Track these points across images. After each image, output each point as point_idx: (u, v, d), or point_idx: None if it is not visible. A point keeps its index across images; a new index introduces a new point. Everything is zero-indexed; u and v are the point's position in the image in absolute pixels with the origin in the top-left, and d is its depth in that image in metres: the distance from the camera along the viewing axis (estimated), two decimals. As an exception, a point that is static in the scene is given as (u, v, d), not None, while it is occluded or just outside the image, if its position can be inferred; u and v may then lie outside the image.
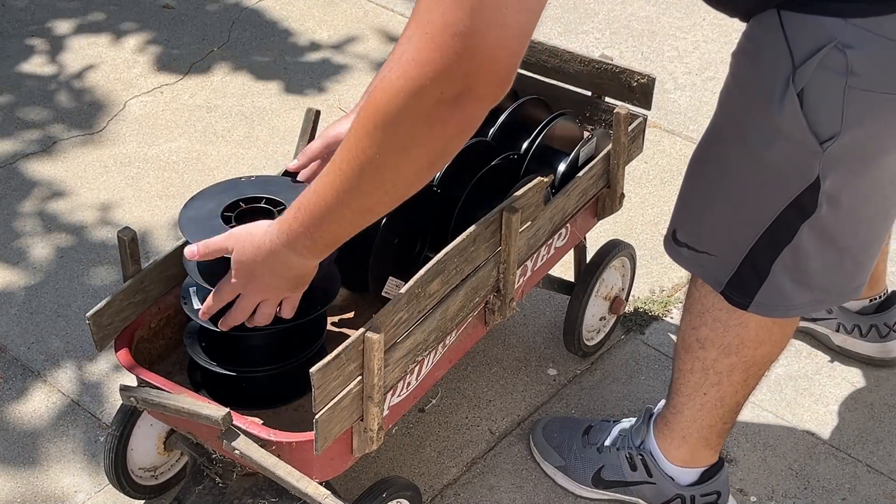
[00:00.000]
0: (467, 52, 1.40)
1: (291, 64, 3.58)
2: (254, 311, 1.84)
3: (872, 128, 1.71)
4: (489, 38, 1.40)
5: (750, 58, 1.76)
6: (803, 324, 2.63)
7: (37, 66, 3.56)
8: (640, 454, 2.22)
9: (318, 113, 2.25)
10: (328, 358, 1.74)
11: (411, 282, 1.87)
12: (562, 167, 2.26)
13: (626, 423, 2.30)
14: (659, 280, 2.82)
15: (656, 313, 2.72)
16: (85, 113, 3.36)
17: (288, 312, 1.86)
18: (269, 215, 1.94)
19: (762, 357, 2.01)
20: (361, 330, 1.78)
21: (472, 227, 1.96)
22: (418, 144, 1.49)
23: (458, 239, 1.94)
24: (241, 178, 2.05)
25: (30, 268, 2.84)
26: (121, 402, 2.38)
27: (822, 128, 1.69)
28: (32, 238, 2.93)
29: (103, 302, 1.94)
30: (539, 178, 2.10)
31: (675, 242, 1.99)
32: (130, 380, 2.01)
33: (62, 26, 3.74)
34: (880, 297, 2.55)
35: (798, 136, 1.71)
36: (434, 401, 2.49)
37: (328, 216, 1.62)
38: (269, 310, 1.84)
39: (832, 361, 2.62)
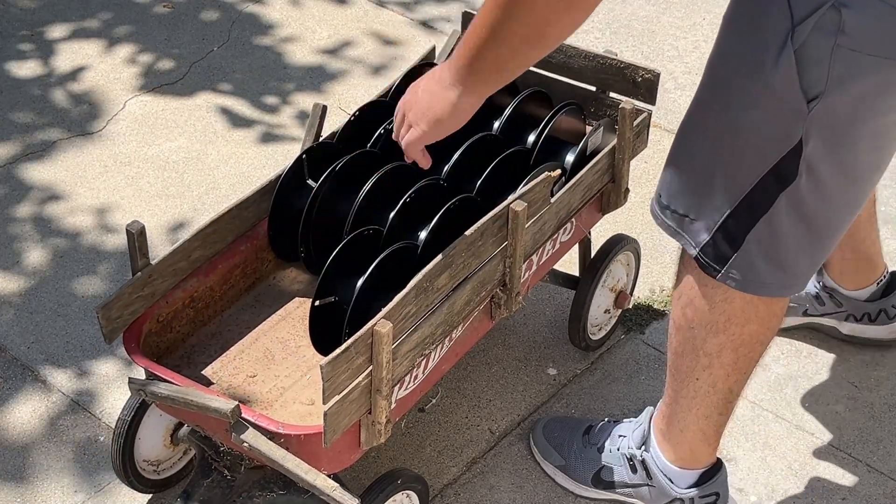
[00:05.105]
0: None
1: (291, 64, 3.58)
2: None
3: (854, 90, 1.72)
4: None
5: (748, 16, 1.77)
6: (809, 318, 2.65)
7: (36, 66, 3.55)
8: (641, 456, 2.22)
9: (324, 108, 2.26)
10: (337, 351, 1.74)
11: (419, 276, 1.88)
12: (570, 158, 2.28)
13: (627, 423, 2.31)
14: (659, 280, 2.83)
15: (656, 313, 2.73)
16: (84, 113, 3.36)
17: (405, 146, 1.95)
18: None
19: (750, 336, 2.00)
20: (370, 323, 1.79)
21: (480, 222, 1.97)
22: None
23: (467, 233, 1.95)
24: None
25: (29, 268, 2.84)
26: (120, 401, 2.39)
27: (810, 87, 1.71)
28: (32, 238, 2.92)
29: (112, 295, 1.95)
30: (546, 173, 2.11)
31: (659, 205, 2.00)
32: (133, 374, 2.01)
33: (62, 26, 3.73)
34: (883, 277, 2.60)
35: (788, 95, 1.73)
36: (434, 400, 2.49)
37: (481, 48, 1.73)
38: (408, 135, 1.93)
39: (832, 361, 2.63)
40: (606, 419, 2.36)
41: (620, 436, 2.28)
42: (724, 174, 1.86)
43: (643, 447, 2.22)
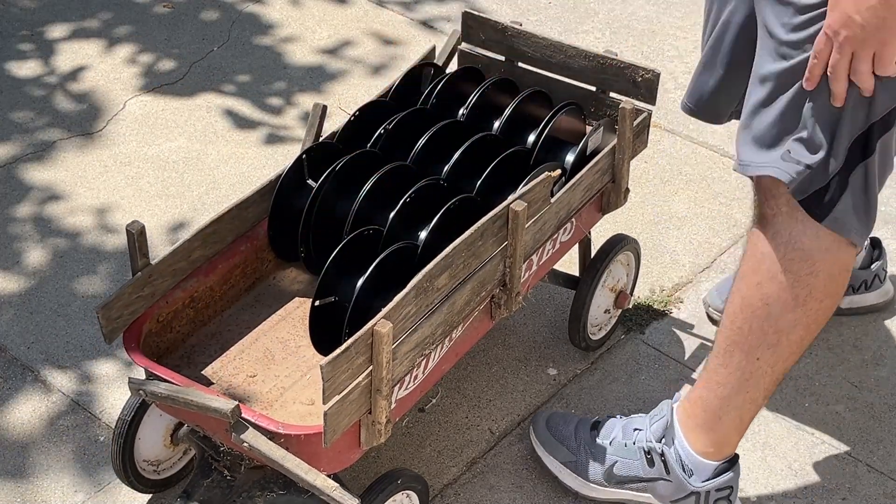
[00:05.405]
0: None
1: (291, 64, 3.59)
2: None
3: None
4: None
5: None
6: None
7: (36, 66, 3.55)
8: (660, 449, 2.19)
9: (324, 108, 2.26)
10: (337, 351, 1.74)
11: (419, 276, 1.88)
12: (570, 158, 2.28)
13: (639, 417, 2.28)
14: (659, 280, 2.83)
15: (656, 313, 2.73)
16: (84, 113, 3.36)
17: (882, 68, 1.78)
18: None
19: (823, 313, 2.02)
20: (370, 323, 1.79)
21: (480, 222, 1.97)
22: None
23: (466, 233, 1.95)
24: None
25: (29, 267, 2.84)
26: (120, 401, 2.38)
27: None
28: (32, 238, 2.92)
29: (112, 295, 1.95)
30: (546, 172, 2.11)
31: (783, 156, 1.92)
32: (133, 374, 2.01)
33: (62, 26, 3.74)
34: (868, 244, 2.69)
35: None
36: (434, 400, 2.49)
37: None
38: (864, 66, 1.78)
39: (832, 361, 2.63)
40: (612, 416, 2.34)
41: (636, 429, 2.25)
42: (849, 121, 1.86)
43: (663, 440, 2.21)
